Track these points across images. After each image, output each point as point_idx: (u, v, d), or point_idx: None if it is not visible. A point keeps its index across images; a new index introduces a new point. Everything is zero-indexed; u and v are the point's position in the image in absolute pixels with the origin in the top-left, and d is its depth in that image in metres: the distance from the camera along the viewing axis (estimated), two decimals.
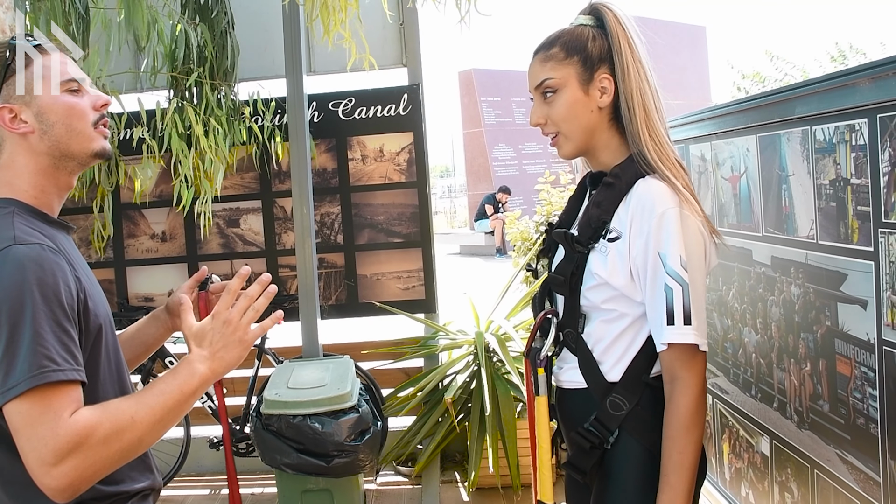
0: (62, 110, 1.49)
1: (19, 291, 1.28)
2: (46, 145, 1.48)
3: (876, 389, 1.73)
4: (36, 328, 1.27)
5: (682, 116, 2.88)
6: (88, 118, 1.52)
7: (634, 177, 1.67)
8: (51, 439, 1.24)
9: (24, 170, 1.48)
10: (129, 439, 1.32)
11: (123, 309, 4.53)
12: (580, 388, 1.74)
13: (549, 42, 1.75)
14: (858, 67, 1.70)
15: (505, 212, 16.72)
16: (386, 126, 4.53)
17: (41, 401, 1.25)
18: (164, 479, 4.44)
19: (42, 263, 1.32)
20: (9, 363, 1.26)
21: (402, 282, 4.56)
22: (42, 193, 1.50)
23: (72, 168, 1.53)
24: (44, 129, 1.48)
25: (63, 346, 1.30)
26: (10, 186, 1.47)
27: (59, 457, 1.24)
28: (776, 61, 15.09)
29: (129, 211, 4.69)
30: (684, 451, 1.59)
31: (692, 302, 1.57)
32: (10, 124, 1.46)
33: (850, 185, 1.77)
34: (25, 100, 1.47)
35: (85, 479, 1.27)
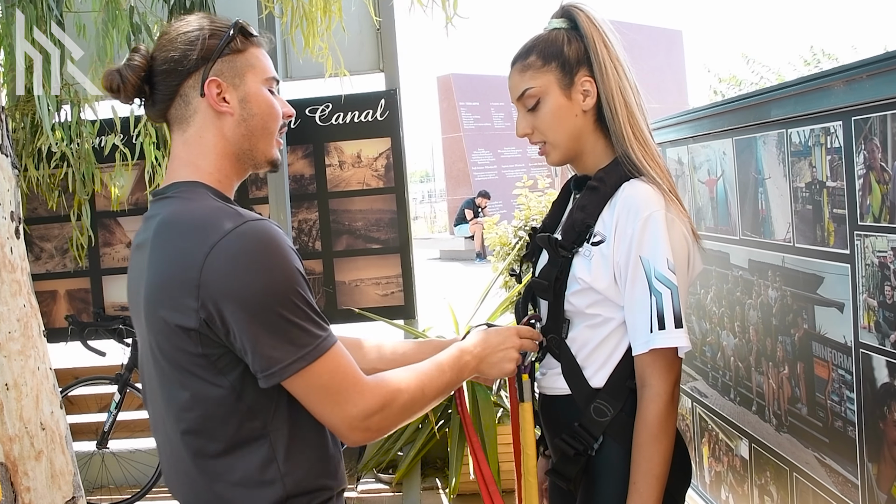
0: (265, 106, 1.47)
1: (275, 267, 1.29)
2: (240, 133, 1.45)
3: (853, 392, 1.73)
4: (301, 298, 1.31)
5: (658, 120, 2.88)
6: (278, 123, 1.51)
7: (620, 179, 1.66)
8: (359, 397, 1.34)
9: (211, 150, 1.44)
10: (418, 408, 1.45)
11: (100, 318, 4.49)
12: (564, 394, 1.73)
13: (525, 51, 1.74)
14: (833, 70, 1.70)
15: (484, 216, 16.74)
16: (363, 131, 4.51)
17: (334, 366, 1.33)
18: (142, 490, 4.42)
19: (279, 237, 1.32)
20: (284, 336, 1.29)
21: (381, 288, 4.54)
22: (225, 178, 1.46)
23: (245, 168, 1.50)
24: (243, 117, 1.45)
25: (319, 311, 1.35)
26: (195, 168, 1.43)
27: (368, 414, 1.34)
28: (752, 64, 15.21)
29: (105, 219, 4.64)
30: (652, 460, 1.58)
31: (682, 305, 1.57)
32: (214, 98, 1.42)
33: (825, 188, 1.77)
34: (234, 82, 1.44)
35: (382, 433, 1.39)
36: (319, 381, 1.31)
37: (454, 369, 1.55)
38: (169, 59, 1.42)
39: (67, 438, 2.76)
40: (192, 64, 1.41)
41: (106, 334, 4.46)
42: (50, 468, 2.63)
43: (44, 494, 2.60)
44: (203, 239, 1.29)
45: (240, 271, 1.27)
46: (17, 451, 2.55)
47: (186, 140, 1.45)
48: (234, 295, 1.26)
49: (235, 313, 1.27)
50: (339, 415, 1.33)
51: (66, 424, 2.77)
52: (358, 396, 1.34)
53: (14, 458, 2.54)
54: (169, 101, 1.44)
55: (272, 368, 1.29)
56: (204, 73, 1.41)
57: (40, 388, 2.63)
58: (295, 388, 1.32)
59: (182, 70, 1.41)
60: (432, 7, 3.45)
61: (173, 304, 1.30)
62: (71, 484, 2.72)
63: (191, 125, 1.44)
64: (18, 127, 3.96)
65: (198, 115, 1.43)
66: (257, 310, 1.27)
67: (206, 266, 1.27)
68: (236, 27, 1.45)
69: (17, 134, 3.96)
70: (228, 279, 1.26)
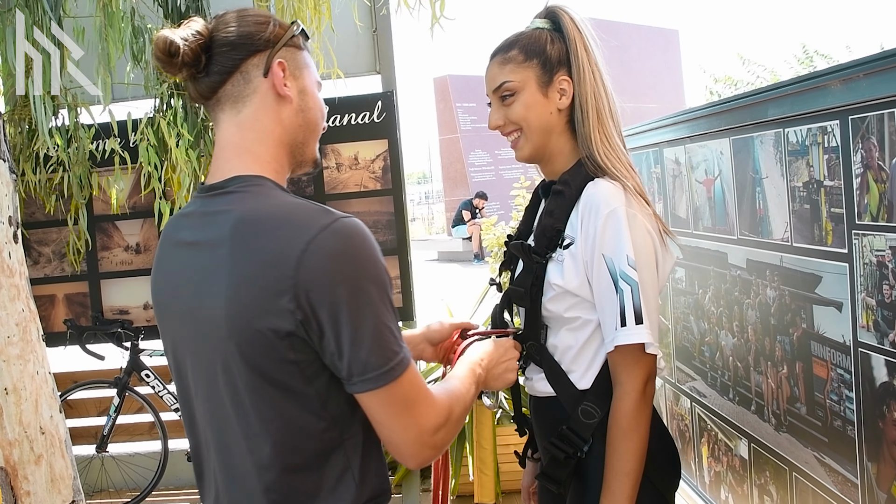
0: (319, 104, 1.45)
1: (370, 268, 1.23)
2: (297, 123, 1.40)
3: (852, 391, 1.73)
4: (389, 305, 1.26)
5: (655, 120, 2.88)
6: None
7: (583, 181, 1.67)
8: (431, 414, 1.28)
9: (268, 135, 1.37)
10: (463, 420, 1.40)
11: (98, 322, 4.48)
12: (552, 397, 1.73)
13: (508, 45, 1.74)
14: (829, 69, 1.70)
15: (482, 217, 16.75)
16: (360, 134, 4.51)
17: (411, 380, 1.26)
18: (142, 493, 4.42)
19: (370, 235, 1.26)
20: (375, 345, 1.22)
21: None
22: (281, 169, 1.40)
23: (293, 163, 1.44)
24: (301, 108, 1.40)
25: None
26: (254, 156, 1.36)
27: (436, 430, 1.29)
28: (748, 64, 15.22)
29: (103, 223, 4.63)
30: (623, 458, 1.58)
31: (643, 302, 1.57)
32: (279, 79, 1.36)
33: (823, 187, 1.77)
34: (295, 73, 1.40)
35: (443, 450, 1.35)
36: (401, 391, 1.25)
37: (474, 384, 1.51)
38: (236, 32, 1.35)
39: (67, 442, 2.75)
40: (261, 42, 1.35)
41: (105, 338, 4.45)
42: (50, 472, 2.63)
43: (44, 498, 2.60)
44: (296, 236, 1.21)
45: (338, 270, 1.20)
46: (16, 455, 2.54)
47: (241, 122, 1.37)
48: (332, 294, 1.20)
49: (334, 314, 1.20)
50: (413, 430, 1.27)
51: (65, 428, 2.77)
52: (430, 409, 1.29)
53: (14, 462, 2.54)
54: (227, 75, 1.35)
55: (367, 374, 1.22)
56: (271, 54, 1.36)
57: (39, 392, 2.63)
58: (375, 398, 1.25)
59: (249, 45, 1.35)
60: (419, 9, 3.45)
61: (266, 308, 1.21)
62: (71, 488, 2.71)
63: (247, 105, 1.36)
64: (16, 131, 3.96)
65: (256, 96, 1.36)
66: (356, 311, 1.21)
67: (301, 264, 1.19)
68: (298, 26, 1.42)
69: (15, 138, 3.95)
70: (327, 278, 1.19)
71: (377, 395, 1.24)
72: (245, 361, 1.25)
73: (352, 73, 4.45)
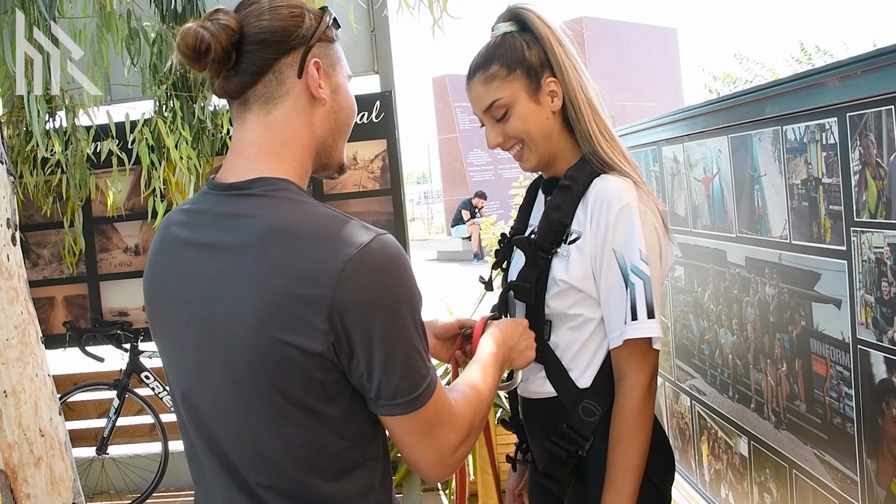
0: (352, 102, 1.37)
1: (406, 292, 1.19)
2: (328, 125, 1.32)
3: (851, 388, 1.73)
4: (419, 330, 1.22)
5: (654, 118, 2.88)
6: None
7: (590, 176, 1.67)
8: (451, 435, 1.25)
9: (297, 139, 1.29)
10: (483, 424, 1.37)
11: (98, 324, 4.48)
12: (550, 397, 1.73)
13: (485, 61, 1.70)
14: (827, 67, 1.70)
15: (481, 216, 16.75)
16: (359, 134, 4.51)
17: (436, 404, 1.22)
18: (142, 495, 4.42)
19: (405, 255, 1.20)
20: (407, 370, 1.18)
21: None
22: (305, 174, 1.32)
23: (316, 166, 1.36)
24: (334, 109, 1.32)
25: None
26: (279, 158, 1.27)
27: (456, 448, 1.26)
28: (746, 62, 15.22)
29: (102, 225, 4.63)
30: (628, 454, 1.59)
31: (654, 296, 1.57)
32: (315, 80, 1.28)
33: (821, 185, 1.77)
34: (328, 71, 1.32)
35: (462, 462, 1.33)
36: (427, 415, 1.21)
37: (498, 369, 1.49)
38: (270, 28, 1.25)
39: (67, 445, 2.75)
40: (297, 40, 1.26)
41: (104, 340, 4.45)
42: (49, 475, 2.63)
43: (44, 501, 2.60)
44: (334, 253, 1.14)
45: (376, 293, 1.14)
46: (16, 458, 2.54)
47: (269, 123, 1.28)
48: (368, 318, 1.14)
49: (367, 338, 1.15)
50: (435, 452, 1.23)
51: (65, 431, 2.77)
52: (451, 430, 1.25)
53: (13, 465, 2.54)
54: (259, 75, 1.27)
55: (396, 400, 1.18)
56: (305, 52, 1.27)
57: (39, 394, 2.63)
58: (400, 423, 1.21)
59: (284, 43, 1.26)
60: (419, 8, 3.45)
61: (296, 326, 1.14)
62: (71, 490, 2.72)
63: (278, 107, 1.28)
64: (13, 134, 3.96)
65: (289, 98, 1.28)
66: (390, 337, 1.16)
67: (340, 284, 1.12)
68: (330, 15, 1.33)
69: (13, 140, 3.96)
70: (364, 301, 1.13)
71: (403, 419, 1.20)
72: (267, 377, 1.18)
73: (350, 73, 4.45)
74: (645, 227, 1.60)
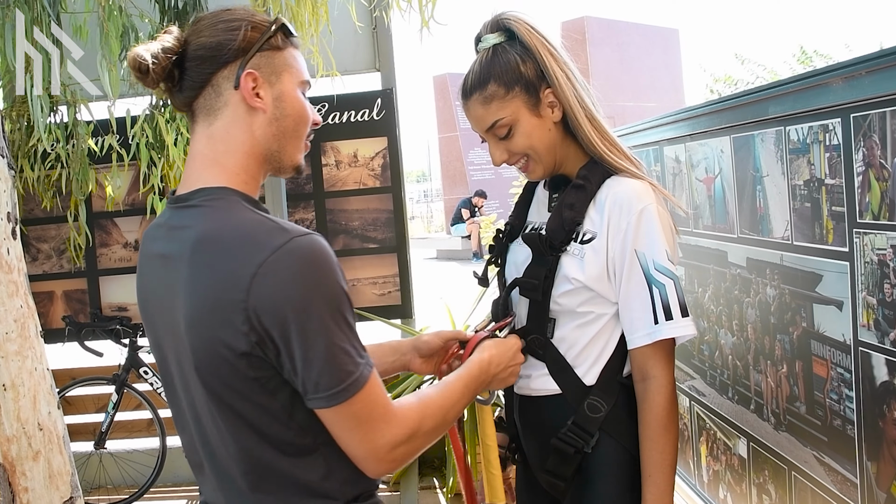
0: (298, 107, 1.41)
1: (324, 288, 1.23)
2: (270, 133, 1.38)
3: (852, 391, 1.73)
4: (344, 324, 1.27)
5: (655, 118, 2.88)
6: (308, 128, 1.45)
7: (603, 177, 1.67)
8: (387, 429, 1.29)
9: (238, 147, 1.36)
10: (440, 432, 1.41)
11: (97, 319, 4.48)
12: (553, 394, 1.73)
13: (481, 80, 1.68)
14: (831, 67, 1.70)
15: (481, 215, 16.75)
16: (360, 131, 4.51)
17: (368, 397, 1.27)
18: (140, 490, 4.42)
19: (327, 253, 1.26)
20: (328, 364, 1.24)
21: (377, 287, 4.53)
22: (251, 179, 1.38)
23: (269, 170, 1.43)
24: (276, 116, 1.38)
25: (357, 335, 1.31)
26: (222, 168, 1.35)
27: (395, 444, 1.30)
28: (747, 64, 15.20)
29: (102, 220, 4.63)
30: (665, 451, 1.61)
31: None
32: (249, 92, 1.34)
33: (824, 186, 1.77)
34: (271, 79, 1.37)
35: (405, 463, 1.35)
36: (353, 409, 1.26)
37: (473, 390, 1.54)
38: (206, 45, 1.34)
39: (65, 439, 2.75)
40: (231, 54, 1.34)
41: (103, 335, 4.45)
42: (48, 468, 2.63)
43: (42, 495, 2.60)
44: (249, 257, 1.22)
45: (288, 294, 1.21)
46: (14, 451, 2.54)
47: (212, 134, 1.36)
48: (282, 318, 1.21)
49: (285, 336, 1.22)
50: (365, 446, 1.29)
51: (63, 425, 2.77)
52: (386, 427, 1.29)
53: (12, 458, 2.54)
54: (199, 89, 1.36)
55: (319, 394, 1.24)
56: (241, 65, 1.34)
57: (38, 388, 2.63)
58: (328, 415, 1.27)
59: (218, 58, 1.34)
60: (409, 11, 3.45)
61: (222, 328, 1.23)
62: (69, 484, 2.71)
63: (218, 118, 1.36)
64: (14, 128, 3.95)
65: (228, 109, 1.36)
66: (306, 334, 1.22)
67: (253, 287, 1.20)
68: (278, 23, 1.39)
69: (14, 135, 3.95)
70: (277, 302, 1.20)
71: (330, 412, 1.27)
72: (212, 376, 1.28)
73: (351, 71, 4.45)
74: (665, 228, 1.61)
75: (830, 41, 62.09)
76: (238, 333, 1.22)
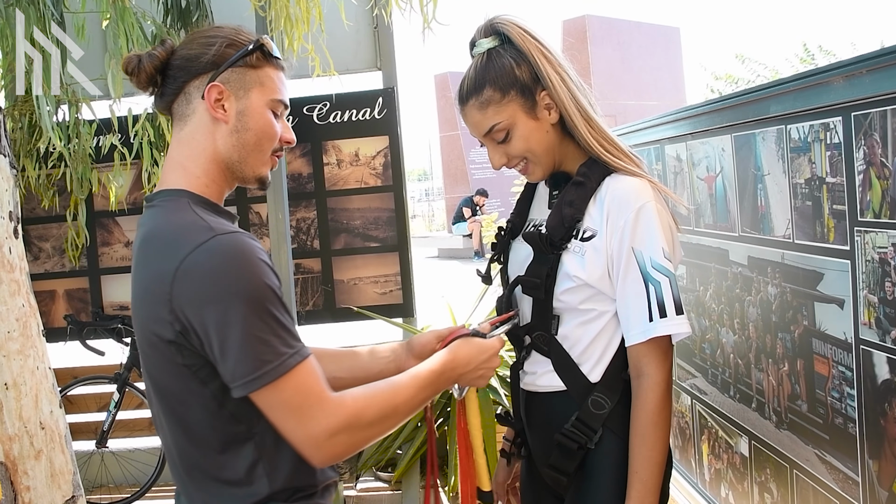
0: (261, 124, 1.50)
1: (240, 282, 1.31)
2: (230, 143, 1.48)
3: (854, 389, 1.73)
4: (265, 314, 1.32)
5: (656, 117, 2.88)
6: (273, 145, 1.53)
7: (602, 174, 1.68)
8: (323, 417, 1.33)
9: (201, 153, 1.47)
10: (389, 424, 1.44)
11: (98, 318, 4.48)
12: (558, 390, 1.73)
13: (476, 86, 1.69)
14: (832, 66, 1.70)
15: (483, 214, 16.74)
16: (361, 130, 4.51)
17: (298, 383, 1.33)
18: (141, 489, 4.42)
19: (248, 250, 1.34)
20: (246, 352, 1.30)
21: (379, 286, 4.54)
22: (213, 183, 1.49)
23: (233, 179, 1.53)
24: (237, 128, 1.48)
25: (289, 324, 1.36)
26: (184, 171, 1.47)
27: (333, 433, 1.34)
28: (748, 63, 15.19)
29: (103, 219, 4.63)
30: (654, 447, 1.61)
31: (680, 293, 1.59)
32: (212, 103, 1.45)
33: (825, 184, 1.77)
34: (238, 94, 1.47)
35: (348, 453, 1.38)
36: (282, 396, 1.32)
37: (434, 385, 1.54)
38: (184, 55, 1.47)
39: (67, 438, 2.75)
40: (202, 66, 1.46)
41: (105, 334, 4.45)
42: (49, 467, 2.63)
43: (43, 493, 2.60)
44: (174, 254, 1.32)
45: (206, 286, 1.30)
46: (16, 450, 2.54)
47: (181, 139, 1.49)
48: (199, 310, 1.30)
49: (203, 328, 1.31)
50: (301, 432, 1.34)
51: (65, 424, 2.77)
52: (321, 414, 1.34)
53: (14, 457, 2.54)
54: (174, 95, 1.48)
55: (237, 382, 1.31)
56: (211, 77, 1.45)
57: (39, 387, 2.63)
58: (259, 402, 1.34)
59: (191, 68, 1.46)
60: (409, 11, 3.44)
61: (154, 318, 1.35)
62: (70, 483, 2.71)
63: (187, 124, 1.48)
64: (16, 127, 3.96)
65: (195, 116, 1.47)
66: (223, 323, 1.29)
67: (175, 280, 1.31)
68: (256, 43, 1.49)
69: (15, 134, 3.96)
70: (194, 295, 1.30)
71: (258, 399, 1.34)
72: (150, 366, 1.43)
73: (353, 70, 4.46)
74: (663, 226, 1.61)
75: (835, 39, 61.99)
76: (165, 323, 1.33)
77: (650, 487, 1.60)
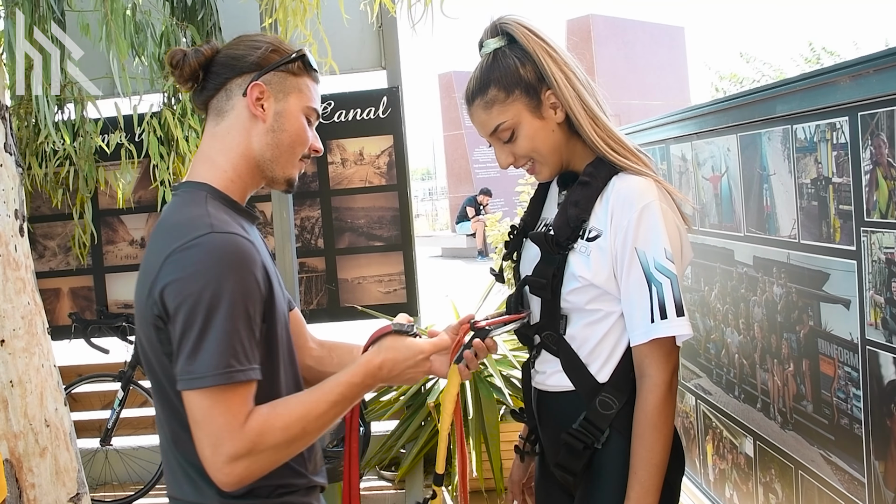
0: (296, 127, 1.55)
1: (217, 282, 1.33)
2: (265, 142, 1.53)
3: (860, 389, 1.73)
4: (230, 322, 1.33)
5: (661, 116, 2.87)
6: (304, 150, 1.58)
7: (608, 174, 1.67)
8: (227, 440, 1.32)
9: (234, 148, 1.52)
10: (298, 443, 1.42)
11: (103, 316, 4.48)
12: (567, 390, 1.73)
13: (482, 86, 1.70)
14: (838, 65, 1.69)
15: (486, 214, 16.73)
16: (366, 129, 4.51)
17: (222, 399, 1.32)
18: (145, 487, 4.42)
19: (238, 254, 1.37)
20: (195, 351, 1.32)
21: (383, 285, 4.54)
22: (238, 179, 1.54)
23: (261, 178, 1.57)
24: (273, 128, 1.53)
25: (249, 343, 1.36)
26: (212, 164, 1.52)
27: (233, 458, 1.32)
28: (753, 62, 15.18)
29: (108, 217, 4.64)
30: (653, 449, 1.60)
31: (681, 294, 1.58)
32: (253, 101, 1.51)
33: (831, 184, 1.77)
34: (278, 96, 1.54)
35: (253, 477, 1.37)
36: (203, 404, 1.32)
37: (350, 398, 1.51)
38: (229, 55, 1.54)
39: (71, 435, 2.76)
40: (247, 65, 1.52)
41: (109, 332, 4.45)
42: (54, 465, 2.64)
43: (48, 491, 2.61)
44: (167, 245, 1.37)
45: (185, 276, 1.33)
46: (21, 447, 2.55)
47: (216, 132, 1.54)
48: (175, 297, 1.33)
49: (175, 314, 1.34)
50: (204, 451, 1.34)
51: (70, 421, 2.77)
52: (227, 439, 1.32)
53: (19, 454, 2.54)
54: (215, 90, 1.54)
55: (181, 375, 1.33)
56: (254, 77, 1.51)
57: (44, 385, 2.63)
58: (188, 402, 1.35)
59: (236, 66, 1.52)
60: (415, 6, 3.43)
61: (143, 300, 1.40)
62: (75, 480, 2.72)
63: (224, 119, 1.53)
64: (22, 125, 3.96)
65: (233, 112, 1.52)
66: (189, 316, 1.32)
67: (163, 266, 1.35)
68: (299, 53, 1.56)
69: (21, 132, 3.96)
70: (174, 280, 1.34)
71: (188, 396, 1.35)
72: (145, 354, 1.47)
73: (357, 69, 4.45)
74: (668, 226, 1.61)
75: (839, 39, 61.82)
76: (148, 306, 1.38)
77: (648, 488, 1.59)
